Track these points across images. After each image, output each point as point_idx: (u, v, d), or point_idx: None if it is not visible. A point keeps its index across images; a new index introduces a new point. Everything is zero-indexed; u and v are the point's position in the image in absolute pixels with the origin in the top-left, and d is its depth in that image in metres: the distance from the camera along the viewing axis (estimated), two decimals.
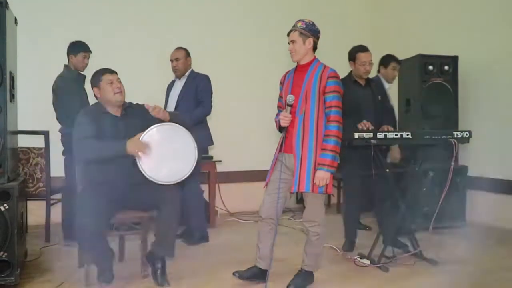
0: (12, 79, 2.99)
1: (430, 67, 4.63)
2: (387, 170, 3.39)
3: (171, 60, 4.19)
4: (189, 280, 3.07)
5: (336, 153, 2.70)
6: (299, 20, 2.79)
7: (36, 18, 4.67)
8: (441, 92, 4.63)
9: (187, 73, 4.17)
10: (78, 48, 3.92)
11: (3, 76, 2.81)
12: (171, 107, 4.12)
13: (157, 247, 2.98)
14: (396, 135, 3.27)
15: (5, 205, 2.80)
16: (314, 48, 2.81)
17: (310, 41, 2.75)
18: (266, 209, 2.87)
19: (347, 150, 3.65)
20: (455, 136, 3.37)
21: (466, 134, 3.41)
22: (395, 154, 4.07)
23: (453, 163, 3.38)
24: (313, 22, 2.80)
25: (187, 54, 4.20)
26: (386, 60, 4.27)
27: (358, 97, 3.72)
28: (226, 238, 4.21)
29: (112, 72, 3.03)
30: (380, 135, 3.21)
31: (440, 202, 3.52)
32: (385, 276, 3.17)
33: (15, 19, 3.14)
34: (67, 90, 3.79)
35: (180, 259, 3.51)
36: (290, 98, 2.70)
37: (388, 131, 3.32)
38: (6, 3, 2.81)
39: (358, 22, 6.28)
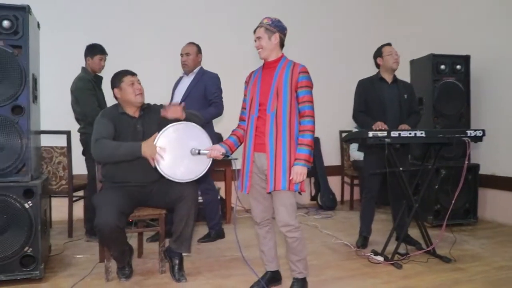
0: (35, 81, 3.10)
1: (442, 67, 4.65)
2: (401, 168, 3.44)
3: (181, 55, 4.06)
4: (206, 276, 3.15)
5: (312, 148, 2.63)
6: (265, 17, 2.73)
7: (59, 22, 4.82)
8: (453, 91, 4.65)
9: (196, 70, 4.04)
10: (95, 50, 4.02)
11: (26, 78, 2.91)
12: None
13: (174, 243, 3.06)
14: (410, 133, 3.30)
15: (29, 202, 2.91)
16: (282, 45, 2.75)
17: (276, 36, 2.68)
18: (259, 213, 2.81)
19: (366, 148, 3.72)
20: (469, 134, 3.40)
21: (480, 133, 3.44)
22: None
23: (466, 162, 3.42)
24: (279, 19, 2.73)
25: (199, 50, 4.10)
26: None
27: (382, 94, 3.77)
28: (242, 234, 4.19)
29: (133, 74, 3.11)
30: (394, 133, 3.25)
31: (453, 200, 3.55)
32: (399, 273, 3.21)
33: (38, 23, 3.24)
34: (84, 91, 3.89)
35: (197, 255, 3.61)
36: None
37: (402, 130, 3.35)
38: (29, 8, 2.91)
39: (370, 23, 6.32)
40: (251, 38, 2.78)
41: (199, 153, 2.84)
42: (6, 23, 2.85)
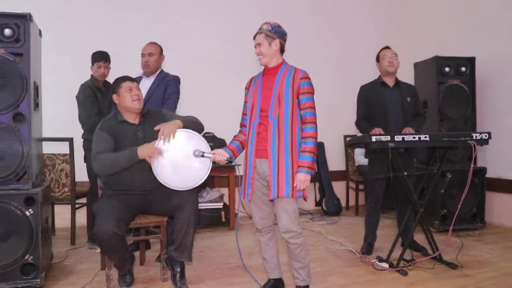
0: (36, 88, 3.08)
1: (447, 69, 4.60)
2: (405, 173, 3.39)
3: (143, 55, 3.79)
4: (208, 284, 3.12)
5: (314, 155, 2.60)
6: (265, 23, 2.69)
7: (61, 29, 4.84)
8: (458, 94, 4.60)
9: (157, 72, 3.80)
10: (93, 58, 4.05)
11: (27, 85, 2.91)
12: None
13: (175, 251, 3.03)
14: (414, 137, 3.24)
15: (30, 210, 2.90)
16: (282, 50, 2.71)
17: (276, 42, 2.65)
18: (260, 220, 2.79)
19: (370, 153, 3.67)
20: (474, 138, 3.33)
21: (485, 136, 3.37)
22: None
23: (472, 165, 3.36)
24: (279, 24, 2.70)
25: (161, 51, 3.86)
26: None
27: (384, 98, 3.73)
28: (245, 241, 4.20)
29: (132, 80, 3.09)
30: (398, 138, 3.20)
31: (459, 205, 3.49)
32: (404, 280, 3.16)
33: (40, 31, 3.24)
34: (82, 98, 3.93)
35: (200, 263, 3.58)
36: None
37: (406, 134, 3.31)
38: (31, 16, 2.91)
39: (374, 25, 6.28)
40: (251, 43, 2.74)
41: (202, 156, 2.79)
42: (7, 31, 2.85)
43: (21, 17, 2.89)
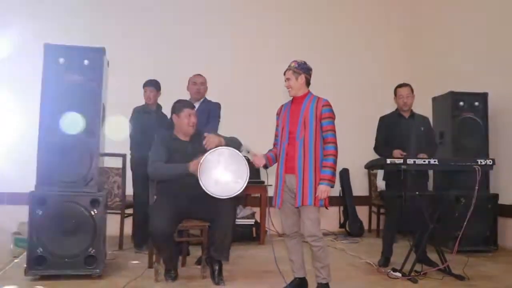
0: (103, 109, 3.72)
1: (461, 103, 5.00)
2: (417, 192, 3.80)
3: (195, 83, 4.42)
4: (242, 281, 3.61)
5: (334, 170, 3.08)
6: (293, 61, 3.23)
7: (120, 60, 5.39)
8: (471, 126, 4.98)
9: (201, 99, 4.43)
10: (143, 84, 4.71)
11: (98, 107, 3.55)
12: None
13: (215, 252, 3.51)
14: (424, 161, 3.69)
15: (95, 210, 3.49)
16: (308, 83, 3.23)
17: (302, 77, 3.18)
18: (289, 227, 3.25)
19: (388, 174, 4.12)
20: (479, 163, 3.74)
21: (490, 162, 3.76)
22: None
23: (477, 187, 3.71)
24: (305, 62, 3.23)
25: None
26: None
27: (400, 127, 4.21)
28: (271, 253, 4.51)
29: (193, 107, 3.69)
30: (410, 161, 3.65)
31: (464, 225, 3.83)
32: (414, 287, 3.54)
33: (108, 62, 3.88)
34: (131, 119, 4.64)
35: (234, 266, 4.04)
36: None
37: (418, 158, 3.75)
38: (104, 50, 3.58)
39: (396, 62, 6.77)
40: (281, 76, 3.31)
41: (248, 152, 3.39)
42: (86, 62, 3.53)
43: (97, 50, 3.57)
